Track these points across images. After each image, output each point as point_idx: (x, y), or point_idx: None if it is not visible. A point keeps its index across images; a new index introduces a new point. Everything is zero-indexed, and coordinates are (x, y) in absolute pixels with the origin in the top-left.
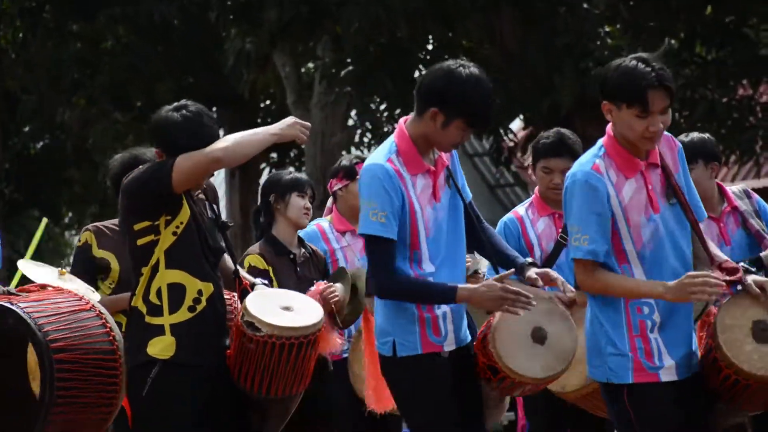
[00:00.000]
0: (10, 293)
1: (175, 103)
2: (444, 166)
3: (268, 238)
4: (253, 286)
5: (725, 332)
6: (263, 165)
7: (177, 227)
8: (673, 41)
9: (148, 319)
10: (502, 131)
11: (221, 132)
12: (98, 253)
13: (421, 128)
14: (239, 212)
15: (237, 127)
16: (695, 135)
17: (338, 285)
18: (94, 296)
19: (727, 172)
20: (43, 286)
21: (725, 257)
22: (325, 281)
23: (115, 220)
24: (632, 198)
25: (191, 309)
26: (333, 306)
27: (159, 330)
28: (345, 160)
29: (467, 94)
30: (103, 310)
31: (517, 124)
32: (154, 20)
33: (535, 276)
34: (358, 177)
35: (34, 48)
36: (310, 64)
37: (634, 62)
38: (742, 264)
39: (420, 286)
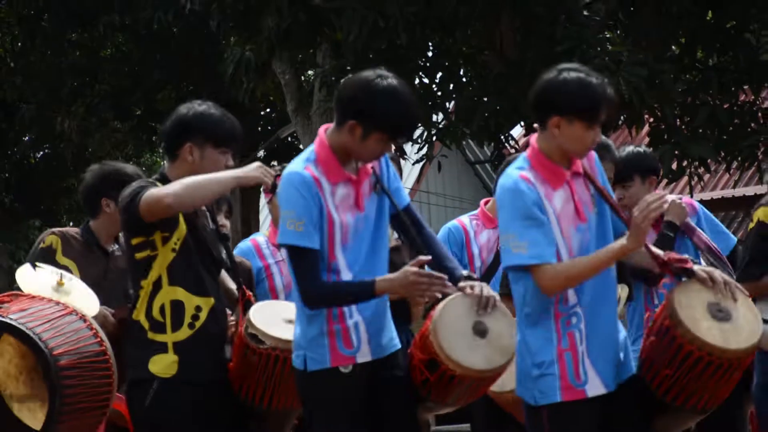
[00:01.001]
0: None
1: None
2: (368, 175)
3: None
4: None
5: (684, 310)
6: None
7: (175, 243)
8: (674, 47)
9: (150, 335)
10: (503, 138)
11: None
12: (62, 260)
13: (341, 139)
14: (240, 223)
15: None
16: (630, 149)
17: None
18: (95, 300)
19: (729, 179)
20: (15, 295)
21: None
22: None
23: (77, 229)
24: (563, 208)
25: (191, 326)
26: None
27: (162, 347)
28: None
29: (384, 106)
30: (83, 311)
31: (518, 131)
32: (153, 28)
33: (468, 286)
34: (278, 190)
35: (33, 57)
36: (310, 72)
37: (580, 74)
38: (686, 256)
39: (341, 287)
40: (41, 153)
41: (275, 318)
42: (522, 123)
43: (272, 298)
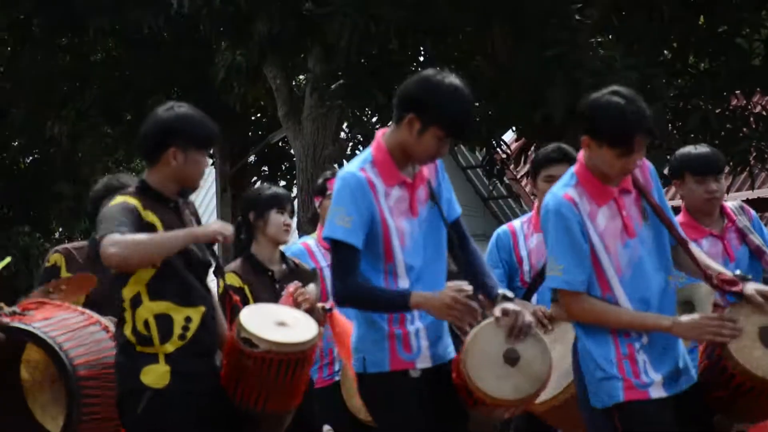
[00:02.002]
0: (15, 313)
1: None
2: (424, 181)
3: (246, 255)
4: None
5: (733, 341)
6: (254, 179)
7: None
8: (666, 52)
9: (139, 348)
10: (494, 143)
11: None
12: (66, 275)
13: (398, 137)
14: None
15: (228, 140)
16: (707, 146)
17: (310, 286)
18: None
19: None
20: (41, 303)
21: (720, 268)
22: (297, 282)
23: (84, 243)
24: (607, 226)
25: (182, 337)
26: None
27: (153, 358)
28: (321, 177)
29: (444, 100)
30: (107, 322)
31: (509, 136)
32: (143, 33)
33: (501, 314)
34: (329, 192)
35: (24, 61)
36: (301, 77)
37: (621, 102)
38: (737, 273)
39: (376, 292)
40: (31, 158)
41: (266, 321)
42: (513, 128)
43: (323, 300)
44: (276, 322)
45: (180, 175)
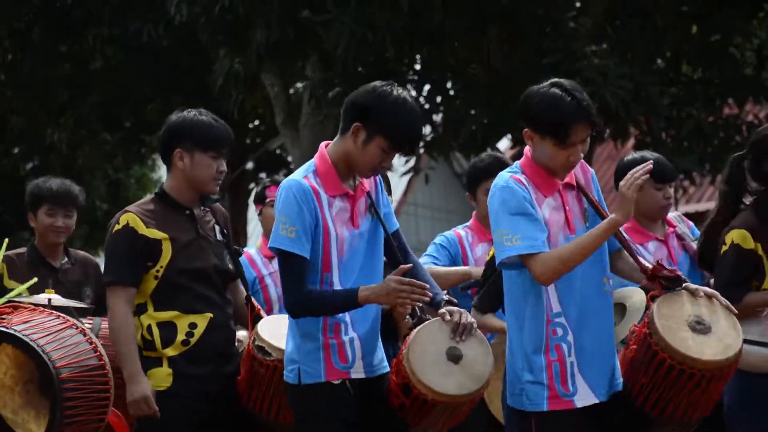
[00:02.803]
0: None
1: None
2: (364, 193)
3: None
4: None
5: (661, 319)
6: (252, 185)
7: (158, 271)
8: (659, 61)
9: (145, 353)
10: (489, 150)
11: None
12: (9, 283)
13: (343, 147)
14: None
15: None
16: (642, 154)
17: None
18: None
19: (713, 192)
20: (14, 307)
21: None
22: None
23: (24, 249)
24: (551, 216)
25: (185, 342)
26: None
27: (157, 362)
28: (260, 185)
29: (391, 110)
30: (83, 324)
31: (504, 144)
32: (143, 41)
33: (446, 313)
34: (268, 201)
35: (23, 69)
36: (299, 84)
37: (558, 92)
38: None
39: (326, 296)
40: (31, 165)
41: (283, 330)
42: (509, 135)
43: (266, 309)
44: None
45: (189, 178)
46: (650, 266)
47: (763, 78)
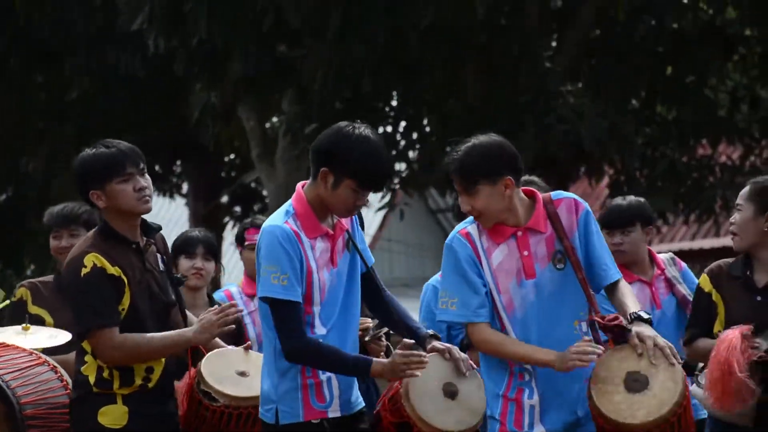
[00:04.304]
0: None
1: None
2: (343, 231)
3: None
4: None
5: (598, 383)
6: (227, 219)
7: (121, 312)
8: (634, 101)
9: (96, 389)
10: None
11: (185, 186)
12: (33, 309)
13: (316, 191)
14: None
15: (202, 179)
16: (633, 198)
17: None
18: (63, 337)
19: (687, 231)
20: None
21: (634, 308)
22: None
23: (50, 277)
24: (501, 263)
25: (142, 387)
26: None
27: (110, 398)
28: (240, 227)
29: (355, 152)
30: (54, 362)
31: None
32: (119, 72)
33: (440, 347)
34: (247, 244)
35: None
36: (275, 118)
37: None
38: (639, 313)
39: (334, 354)
40: (4, 195)
41: (227, 370)
42: None
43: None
44: (237, 372)
45: (116, 210)
46: (597, 319)
47: (737, 119)
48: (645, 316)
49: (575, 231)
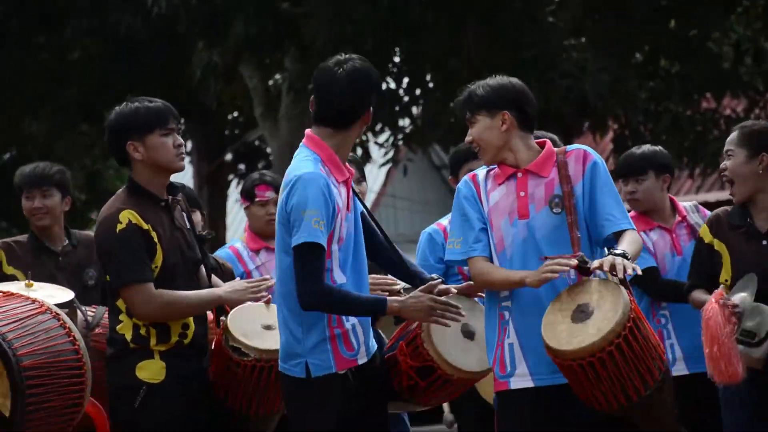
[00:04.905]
0: None
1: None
2: (352, 175)
3: None
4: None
5: (548, 315)
6: (231, 177)
7: (154, 269)
8: (637, 55)
9: (132, 345)
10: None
11: (189, 145)
12: (8, 270)
13: (348, 138)
14: (208, 225)
15: (205, 138)
16: (647, 147)
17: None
18: (65, 294)
19: (692, 185)
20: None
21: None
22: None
23: (25, 236)
24: (498, 202)
25: (178, 344)
26: None
27: (149, 354)
28: (248, 181)
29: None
30: (58, 310)
31: None
32: (121, 33)
33: (452, 288)
34: (257, 199)
35: (0, 60)
36: (278, 76)
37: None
38: (612, 249)
39: (351, 297)
40: (8, 155)
41: (253, 326)
42: None
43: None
44: (263, 326)
45: (152, 164)
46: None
47: (741, 72)
48: (618, 251)
49: (581, 180)
